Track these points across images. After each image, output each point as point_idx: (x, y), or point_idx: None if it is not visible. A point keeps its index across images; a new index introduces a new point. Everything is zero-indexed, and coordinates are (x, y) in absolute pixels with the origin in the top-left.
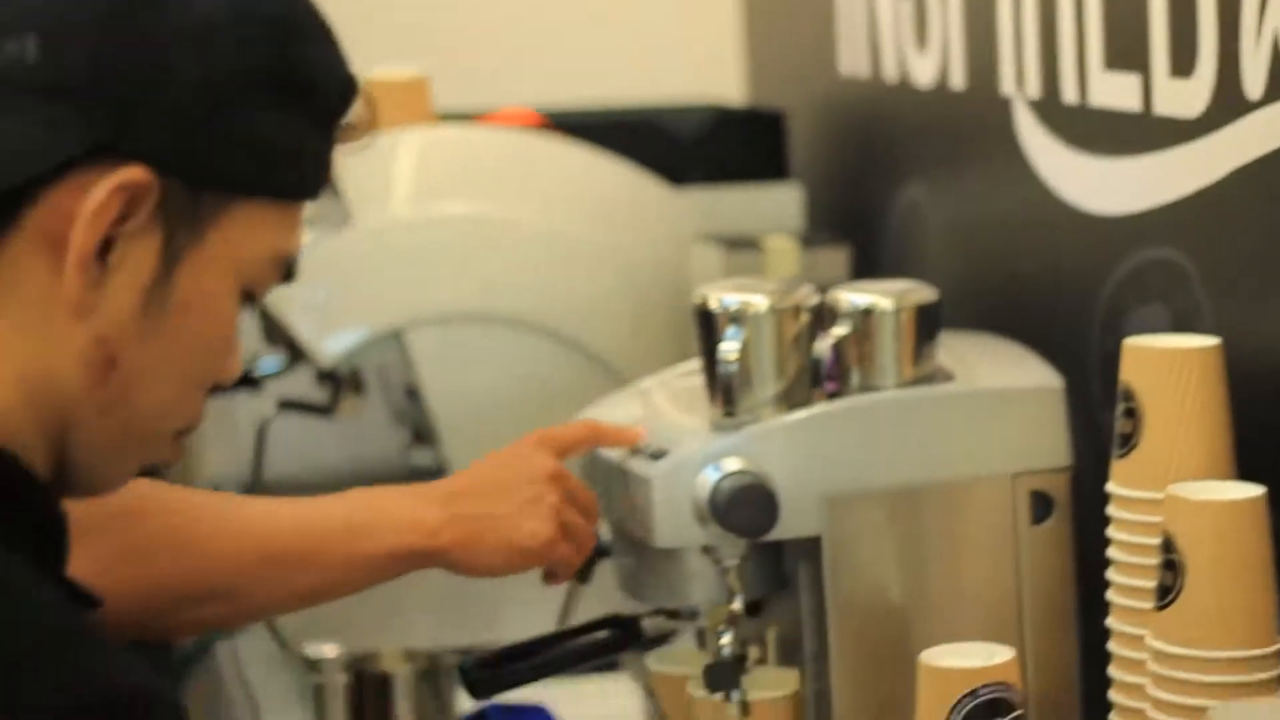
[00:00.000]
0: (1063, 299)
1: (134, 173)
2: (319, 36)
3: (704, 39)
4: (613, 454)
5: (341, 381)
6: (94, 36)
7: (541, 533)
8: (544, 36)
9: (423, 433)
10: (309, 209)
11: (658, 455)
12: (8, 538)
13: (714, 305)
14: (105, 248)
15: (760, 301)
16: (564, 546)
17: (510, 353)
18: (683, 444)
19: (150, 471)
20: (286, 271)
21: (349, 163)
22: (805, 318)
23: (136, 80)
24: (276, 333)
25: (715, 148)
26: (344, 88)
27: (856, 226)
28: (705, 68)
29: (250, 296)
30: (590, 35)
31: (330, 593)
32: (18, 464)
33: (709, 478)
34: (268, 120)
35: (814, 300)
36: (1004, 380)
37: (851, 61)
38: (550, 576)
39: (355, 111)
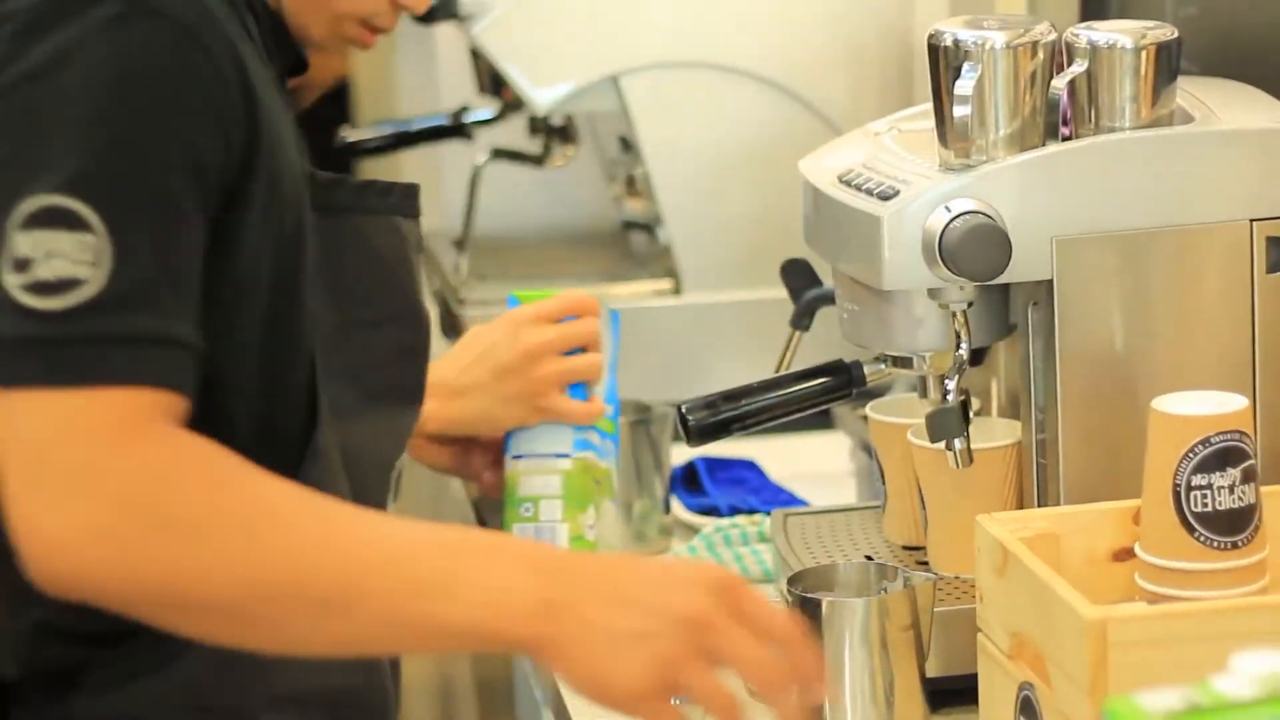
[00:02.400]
0: None
1: None
2: None
3: None
4: (841, 192)
5: (554, 131)
6: None
7: (629, 680)
8: None
9: (635, 184)
10: None
11: (887, 195)
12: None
13: (948, 42)
14: None
15: (996, 38)
16: (658, 705)
17: (726, 100)
18: (912, 184)
19: None
20: None
21: None
22: (1041, 55)
23: None
24: (490, 81)
25: None
26: None
27: None
28: None
29: None
30: None
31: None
32: None
33: (940, 218)
34: None
35: (1050, 37)
36: (1245, 123)
37: None
38: None
39: None
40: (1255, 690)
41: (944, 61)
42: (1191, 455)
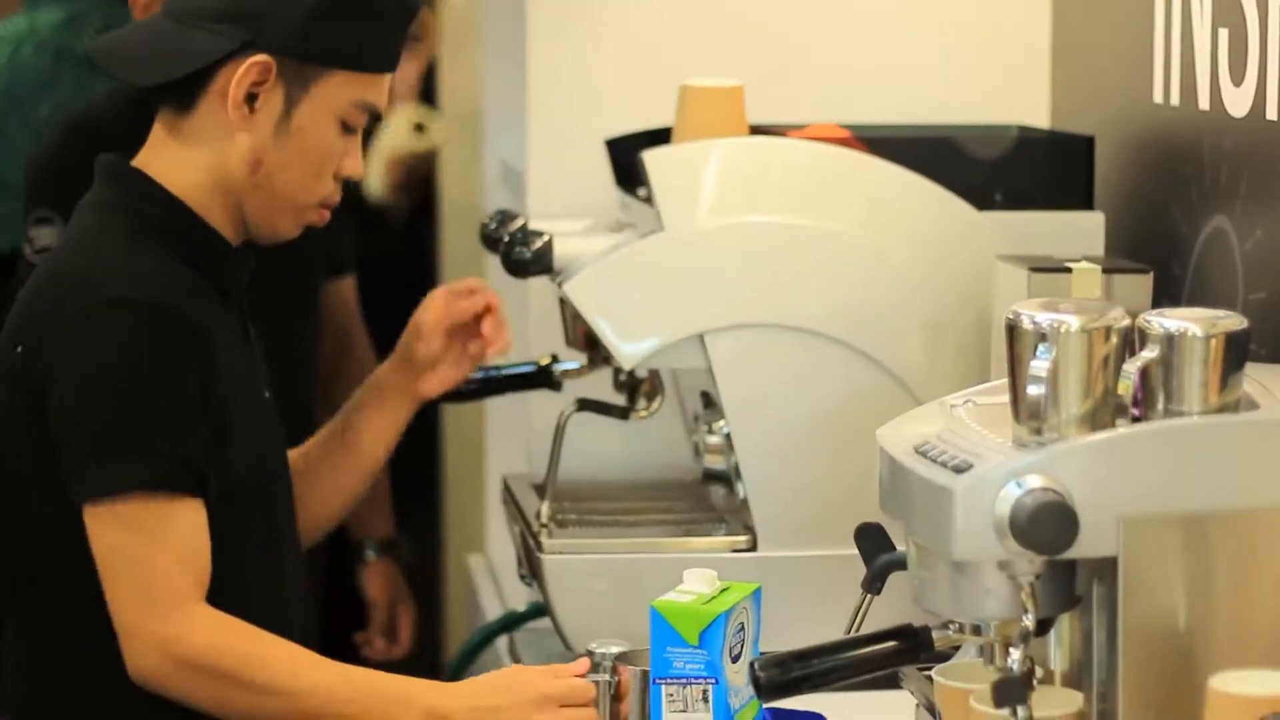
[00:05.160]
0: None
1: (261, 58)
2: None
3: (1013, 61)
4: (915, 463)
5: (639, 384)
6: None
7: None
8: (855, 54)
9: (716, 438)
10: (622, 216)
11: (960, 469)
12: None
13: (1025, 323)
14: (253, 99)
15: (1072, 321)
16: None
17: (807, 363)
18: (986, 458)
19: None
20: (374, 115)
21: (663, 169)
22: (1115, 340)
23: (264, 9)
24: (580, 335)
25: (1020, 171)
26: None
27: (1158, 254)
28: (1013, 90)
29: (347, 127)
30: (900, 55)
31: None
32: (195, 216)
33: (1011, 493)
34: (346, 27)
35: (1124, 323)
36: None
37: (1164, 89)
38: None
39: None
40: None
41: (1021, 341)
42: None
